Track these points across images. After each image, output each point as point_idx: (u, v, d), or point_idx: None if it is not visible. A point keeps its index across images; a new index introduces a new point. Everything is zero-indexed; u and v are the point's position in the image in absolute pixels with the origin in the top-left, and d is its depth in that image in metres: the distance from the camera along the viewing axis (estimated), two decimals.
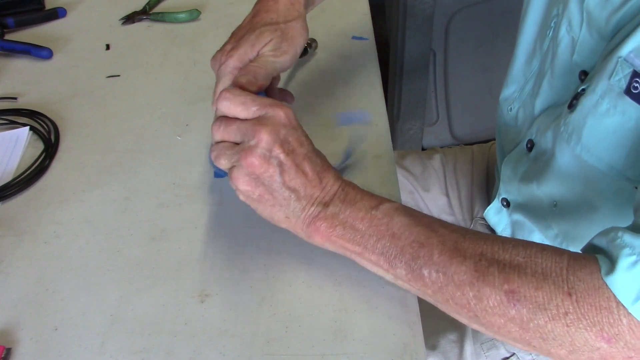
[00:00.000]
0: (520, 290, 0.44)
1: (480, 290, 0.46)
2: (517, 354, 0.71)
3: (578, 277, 0.43)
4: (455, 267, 0.47)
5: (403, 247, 0.49)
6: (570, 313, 0.42)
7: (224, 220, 0.64)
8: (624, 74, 0.49)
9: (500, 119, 0.77)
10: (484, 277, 0.46)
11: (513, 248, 0.47)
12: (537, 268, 0.45)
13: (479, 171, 0.92)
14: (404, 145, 1.70)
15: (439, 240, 0.48)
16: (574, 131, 0.55)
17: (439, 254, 0.48)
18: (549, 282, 0.44)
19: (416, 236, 0.49)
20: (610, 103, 0.50)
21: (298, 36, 0.61)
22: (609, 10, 0.52)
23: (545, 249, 0.46)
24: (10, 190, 0.68)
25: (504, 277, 0.45)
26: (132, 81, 0.85)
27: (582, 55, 0.58)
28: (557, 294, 0.43)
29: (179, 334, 0.54)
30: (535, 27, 0.66)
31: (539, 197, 0.67)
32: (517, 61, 0.70)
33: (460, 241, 0.48)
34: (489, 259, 0.46)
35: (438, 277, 0.48)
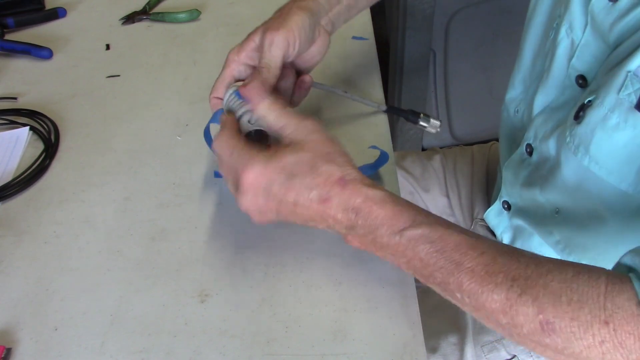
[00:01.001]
0: (555, 321, 0.42)
1: (514, 318, 0.44)
2: (518, 355, 0.71)
3: (616, 304, 0.41)
4: (486, 296, 0.45)
5: (433, 272, 0.48)
6: (606, 342, 0.41)
7: (224, 220, 0.64)
8: (634, 88, 0.48)
9: (505, 120, 0.77)
10: (517, 307, 0.44)
11: (548, 272, 0.44)
12: (572, 295, 0.42)
13: (479, 172, 0.92)
14: (404, 145, 1.70)
15: (467, 268, 0.46)
16: (581, 143, 0.54)
17: (468, 281, 0.46)
18: (585, 311, 0.42)
19: (444, 262, 0.47)
20: (620, 117, 0.49)
21: (292, 14, 0.59)
22: (614, 17, 0.51)
23: (581, 272, 0.44)
24: (10, 190, 0.68)
25: (539, 307, 0.43)
26: (132, 81, 0.85)
27: (582, 59, 0.57)
28: (594, 323, 0.41)
29: (179, 334, 0.54)
30: (541, 27, 0.66)
31: (541, 203, 0.66)
32: (523, 62, 0.70)
33: (491, 265, 0.45)
34: (521, 285, 0.44)
35: (470, 301, 0.46)
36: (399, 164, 0.94)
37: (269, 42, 0.58)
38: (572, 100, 0.59)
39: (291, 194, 0.50)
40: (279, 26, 0.58)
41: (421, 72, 1.56)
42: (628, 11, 0.49)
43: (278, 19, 0.60)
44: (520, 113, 0.72)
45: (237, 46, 0.62)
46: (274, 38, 0.58)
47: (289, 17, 0.59)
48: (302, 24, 0.59)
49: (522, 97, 0.71)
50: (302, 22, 0.59)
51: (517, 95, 0.72)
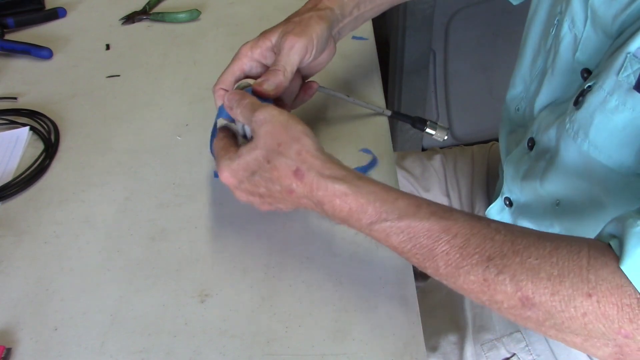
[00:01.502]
0: (534, 296, 0.43)
1: (493, 297, 0.45)
2: (518, 354, 0.71)
3: (600, 276, 0.42)
4: (463, 278, 0.45)
5: (409, 257, 0.49)
6: (589, 313, 0.42)
7: (224, 220, 0.64)
8: (633, 69, 0.48)
9: (505, 119, 0.77)
10: (494, 286, 0.44)
11: (524, 249, 0.44)
12: (552, 270, 0.43)
13: (479, 171, 0.92)
14: (404, 145, 1.70)
15: (442, 252, 0.46)
16: (581, 128, 0.54)
17: (444, 265, 0.46)
18: (566, 285, 0.42)
19: (418, 249, 0.47)
20: (620, 99, 0.50)
21: (313, 22, 0.61)
22: (615, 9, 0.51)
23: (560, 245, 0.44)
24: (10, 190, 0.68)
25: (517, 285, 0.43)
26: (132, 81, 0.85)
27: (585, 53, 0.57)
28: (577, 297, 0.42)
29: (179, 334, 0.54)
30: (542, 25, 0.66)
31: (542, 196, 0.67)
32: (523, 60, 0.70)
33: (465, 247, 0.46)
34: (497, 264, 0.44)
35: (449, 283, 0.47)
36: (399, 164, 0.94)
37: (289, 46, 0.59)
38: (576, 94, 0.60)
39: (261, 188, 0.53)
40: (301, 33, 0.60)
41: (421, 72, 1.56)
42: (630, 3, 0.50)
43: (299, 24, 0.61)
44: (521, 111, 0.72)
45: (252, 42, 0.62)
46: (295, 44, 0.59)
47: (310, 26, 0.61)
48: (322, 34, 0.61)
49: (523, 95, 0.71)
50: (321, 32, 0.61)
51: (517, 94, 0.73)
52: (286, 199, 0.52)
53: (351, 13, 0.67)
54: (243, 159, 0.52)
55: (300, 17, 0.62)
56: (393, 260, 0.59)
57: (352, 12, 0.68)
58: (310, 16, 0.62)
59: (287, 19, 0.64)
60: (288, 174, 0.50)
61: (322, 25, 0.61)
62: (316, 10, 0.63)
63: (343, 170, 0.50)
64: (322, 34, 0.62)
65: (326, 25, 0.62)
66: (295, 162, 0.50)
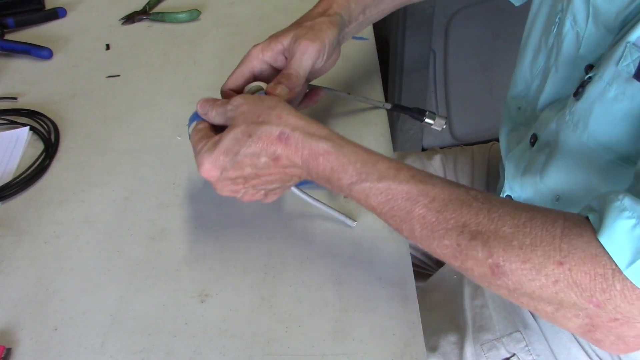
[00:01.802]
0: (505, 264, 0.43)
1: (464, 262, 0.46)
2: (518, 354, 0.71)
3: (573, 245, 0.42)
4: (437, 242, 0.47)
5: (386, 219, 0.50)
6: (560, 281, 0.42)
7: (224, 220, 0.64)
8: (633, 58, 0.48)
9: (506, 117, 0.77)
10: (467, 252, 0.45)
11: (499, 218, 0.45)
12: (525, 240, 0.43)
13: (479, 171, 0.92)
14: (404, 145, 1.70)
15: (419, 215, 0.47)
16: (580, 119, 0.55)
17: (420, 228, 0.47)
18: (537, 253, 0.43)
19: (396, 211, 0.49)
20: (619, 89, 0.50)
21: (325, 28, 0.62)
22: (617, 6, 0.52)
23: (536, 216, 0.45)
24: (10, 190, 0.68)
25: (488, 251, 0.44)
26: (132, 81, 0.85)
27: (588, 49, 0.58)
28: (547, 264, 0.42)
29: (179, 334, 0.54)
30: (543, 24, 0.66)
31: (542, 192, 0.67)
32: (524, 59, 0.70)
33: (442, 212, 0.47)
34: (472, 230, 0.45)
35: (423, 246, 0.48)
36: None
37: (302, 51, 0.60)
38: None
39: (246, 168, 0.52)
40: (314, 37, 0.60)
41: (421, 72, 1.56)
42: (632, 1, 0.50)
43: (311, 29, 0.61)
44: (522, 109, 0.73)
45: (263, 44, 0.63)
46: (309, 48, 0.60)
47: (322, 30, 0.61)
48: (332, 40, 0.62)
49: (524, 94, 0.72)
50: (332, 38, 0.62)
51: (519, 93, 0.73)
52: (272, 173, 0.53)
53: (357, 18, 0.68)
54: (223, 143, 0.52)
55: (312, 21, 0.63)
56: (393, 260, 0.59)
57: (358, 18, 0.68)
58: (322, 21, 0.62)
59: (298, 22, 0.64)
60: (272, 140, 0.51)
61: (333, 31, 0.62)
62: (327, 16, 0.64)
63: (326, 130, 0.52)
64: (333, 40, 0.62)
65: (337, 30, 0.63)
66: (278, 127, 0.51)
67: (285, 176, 0.54)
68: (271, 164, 0.52)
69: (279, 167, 0.52)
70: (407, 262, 0.59)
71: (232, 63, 0.64)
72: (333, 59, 0.66)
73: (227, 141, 0.52)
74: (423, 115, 0.75)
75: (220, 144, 0.52)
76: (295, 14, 0.67)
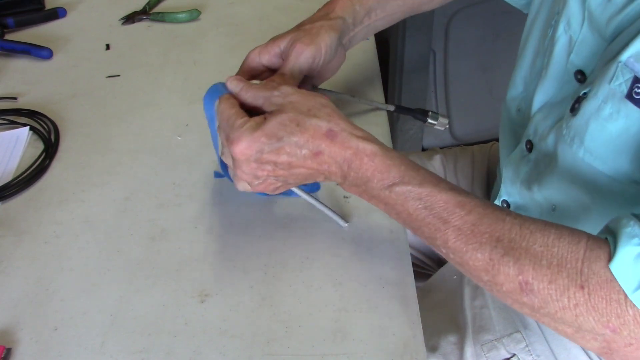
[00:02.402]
0: (534, 282, 0.44)
1: (495, 277, 0.46)
2: (518, 354, 0.71)
3: (592, 269, 0.43)
4: (470, 254, 0.47)
5: (421, 227, 0.50)
6: (580, 305, 0.43)
7: (224, 220, 0.64)
8: (625, 78, 0.49)
9: (505, 119, 0.77)
10: (499, 267, 0.46)
11: (531, 235, 0.46)
12: (552, 259, 0.44)
13: (479, 171, 0.92)
14: (404, 145, 1.70)
15: (454, 226, 0.48)
16: (576, 135, 0.55)
17: (454, 239, 0.48)
18: (563, 275, 0.44)
19: (432, 219, 0.49)
20: (614, 107, 0.50)
21: (323, 32, 0.62)
22: (610, 12, 0.52)
23: (563, 235, 0.46)
24: (10, 190, 0.68)
25: (519, 268, 0.45)
26: (132, 81, 0.85)
27: (580, 55, 0.58)
28: (570, 287, 0.43)
29: (179, 334, 0.54)
30: (542, 25, 0.66)
31: (539, 201, 0.67)
32: (524, 60, 0.70)
33: (477, 224, 0.47)
34: (505, 246, 0.46)
35: (455, 258, 0.48)
36: None
37: (296, 54, 0.61)
38: (571, 96, 0.60)
39: (283, 155, 0.52)
40: (310, 42, 0.61)
41: (421, 72, 1.56)
42: (624, 7, 0.50)
43: (309, 33, 0.62)
44: (522, 111, 0.72)
45: (261, 47, 0.63)
46: (303, 51, 0.60)
47: (320, 35, 0.62)
48: (330, 44, 0.62)
49: (523, 95, 0.72)
50: (330, 42, 0.62)
51: (518, 94, 0.73)
52: (306, 166, 0.53)
53: (362, 22, 0.68)
54: (267, 125, 0.51)
55: (311, 24, 0.63)
56: (393, 260, 0.59)
57: (363, 21, 0.69)
58: (321, 25, 0.63)
59: (299, 25, 0.65)
60: (319, 135, 0.52)
61: (331, 35, 0.63)
62: (327, 20, 0.64)
63: (371, 135, 0.53)
64: (331, 44, 0.63)
65: (336, 34, 0.63)
66: (328, 124, 0.52)
67: (316, 173, 0.54)
68: (310, 157, 0.52)
69: (316, 162, 0.52)
70: (407, 262, 0.59)
71: (232, 63, 0.64)
72: (337, 62, 0.67)
73: (273, 124, 0.51)
74: (426, 116, 0.75)
75: (265, 125, 0.52)
76: (295, 14, 0.67)
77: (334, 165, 0.52)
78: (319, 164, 0.52)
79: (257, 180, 0.54)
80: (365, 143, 0.51)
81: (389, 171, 0.51)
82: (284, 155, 0.52)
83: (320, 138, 0.52)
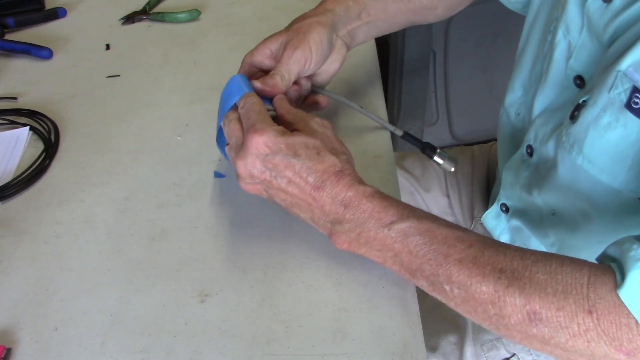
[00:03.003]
0: (542, 311, 0.44)
1: (502, 309, 0.45)
2: (518, 354, 0.71)
3: (598, 294, 0.43)
4: (475, 287, 0.46)
5: (421, 265, 0.49)
6: (590, 330, 0.42)
7: (224, 220, 0.64)
8: (624, 88, 0.48)
9: (504, 123, 0.76)
10: (505, 298, 0.45)
11: (533, 264, 0.45)
12: (557, 286, 0.44)
13: (479, 171, 0.92)
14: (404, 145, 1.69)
15: (456, 259, 0.47)
16: (576, 142, 0.55)
17: (457, 272, 0.47)
18: (569, 301, 0.43)
19: (433, 254, 0.48)
20: (612, 116, 0.50)
21: (312, 30, 0.62)
22: (607, 17, 0.52)
23: (564, 263, 0.45)
24: (10, 190, 0.68)
25: (525, 298, 0.44)
26: (132, 81, 0.85)
27: (579, 60, 0.57)
28: (579, 313, 0.43)
29: (179, 334, 0.54)
30: (541, 31, 0.66)
31: (538, 205, 0.67)
32: (523, 65, 0.70)
33: (479, 257, 0.47)
34: (508, 276, 0.45)
35: (460, 293, 0.47)
36: (400, 164, 0.94)
37: (287, 57, 0.61)
38: (571, 101, 0.60)
39: (289, 171, 0.52)
40: (298, 43, 0.61)
41: (421, 72, 1.56)
42: (621, 11, 0.50)
43: (298, 34, 0.62)
44: (521, 115, 0.72)
45: (253, 49, 0.64)
46: (293, 54, 0.61)
47: (308, 34, 0.62)
48: (320, 40, 0.62)
49: (522, 100, 0.71)
50: (319, 38, 0.62)
51: (517, 99, 0.72)
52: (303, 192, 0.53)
53: (360, 17, 0.68)
54: (295, 138, 0.52)
55: (301, 22, 0.63)
56: None
57: (360, 16, 0.68)
58: (309, 23, 0.63)
59: (291, 23, 0.65)
60: (330, 171, 0.52)
61: (319, 31, 0.62)
62: (316, 16, 0.64)
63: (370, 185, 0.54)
64: (320, 40, 0.62)
65: (324, 29, 0.63)
66: (341, 165, 0.53)
67: (306, 205, 0.53)
68: (312, 187, 0.52)
69: (314, 195, 0.52)
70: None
71: (232, 63, 0.64)
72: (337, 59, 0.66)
73: (298, 141, 0.52)
74: (434, 153, 0.69)
75: (291, 137, 0.52)
76: (296, 14, 0.67)
77: (329, 204, 0.52)
78: (316, 196, 0.52)
79: (250, 178, 0.54)
80: (365, 187, 0.52)
81: (387, 210, 0.51)
82: (290, 170, 0.52)
83: (329, 175, 0.52)
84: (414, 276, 0.50)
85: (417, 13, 0.74)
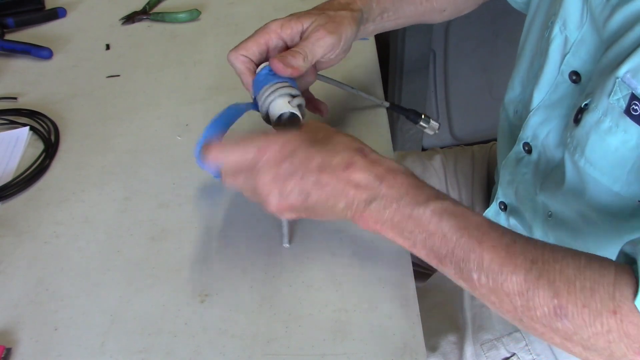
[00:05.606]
0: (568, 306, 0.43)
1: (529, 301, 0.45)
2: (518, 354, 0.71)
3: (623, 295, 0.42)
4: (505, 276, 0.45)
5: (454, 249, 0.47)
6: (613, 331, 0.42)
7: (224, 220, 0.64)
8: (623, 94, 0.49)
9: (504, 122, 0.77)
10: (534, 289, 0.44)
11: (563, 258, 0.45)
12: (585, 283, 0.43)
13: (479, 171, 0.92)
14: (404, 145, 1.69)
15: (490, 245, 0.46)
16: (578, 145, 0.55)
17: (490, 260, 0.46)
18: (596, 299, 0.43)
19: (467, 239, 0.47)
20: (613, 121, 0.50)
21: (346, 23, 0.61)
22: (608, 11, 0.52)
23: (592, 260, 0.45)
24: (10, 190, 0.68)
25: (554, 292, 0.44)
26: (132, 81, 0.85)
27: (577, 55, 0.58)
28: (604, 312, 0.42)
29: (179, 334, 0.54)
30: (539, 27, 0.66)
31: (535, 204, 0.67)
32: (522, 63, 0.70)
33: (511, 246, 0.46)
34: (539, 268, 0.45)
35: (487, 282, 0.46)
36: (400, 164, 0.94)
37: (317, 38, 0.59)
38: (567, 97, 0.60)
39: (315, 160, 0.49)
40: (333, 30, 0.60)
41: (421, 72, 1.56)
42: (619, 5, 0.50)
43: (333, 20, 0.60)
44: (519, 113, 0.72)
45: (283, 20, 0.61)
46: (325, 38, 0.59)
47: (343, 25, 0.61)
48: (350, 36, 0.62)
49: (521, 97, 0.72)
50: (351, 34, 0.62)
51: (515, 97, 0.73)
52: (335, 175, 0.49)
53: (374, 20, 0.68)
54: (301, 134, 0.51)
55: (335, 12, 0.61)
56: (393, 260, 0.59)
57: (375, 19, 0.68)
58: (344, 15, 0.61)
59: (320, 8, 0.63)
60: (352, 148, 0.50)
61: (353, 28, 0.62)
62: (350, 11, 0.63)
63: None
64: (350, 37, 0.62)
65: (357, 28, 0.62)
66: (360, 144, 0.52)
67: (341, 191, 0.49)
68: (340, 165, 0.49)
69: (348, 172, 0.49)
70: (407, 262, 0.59)
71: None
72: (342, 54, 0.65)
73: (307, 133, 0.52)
74: (419, 117, 0.76)
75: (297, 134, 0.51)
76: None
77: (365, 179, 0.49)
78: (350, 174, 0.49)
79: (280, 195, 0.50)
80: (396, 164, 0.50)
81: (423, 188, 0.49)
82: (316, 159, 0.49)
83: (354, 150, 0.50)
84: (441, 262, 0.48)
85: (425, 15, 0.74)
